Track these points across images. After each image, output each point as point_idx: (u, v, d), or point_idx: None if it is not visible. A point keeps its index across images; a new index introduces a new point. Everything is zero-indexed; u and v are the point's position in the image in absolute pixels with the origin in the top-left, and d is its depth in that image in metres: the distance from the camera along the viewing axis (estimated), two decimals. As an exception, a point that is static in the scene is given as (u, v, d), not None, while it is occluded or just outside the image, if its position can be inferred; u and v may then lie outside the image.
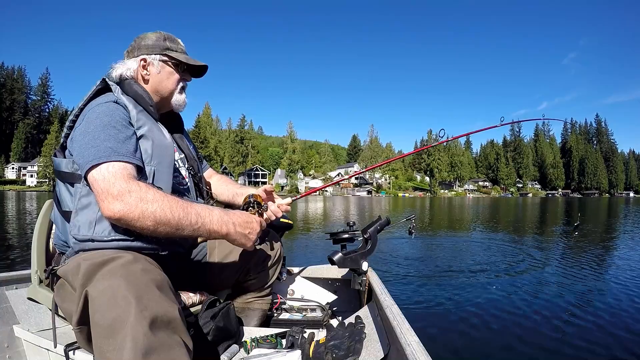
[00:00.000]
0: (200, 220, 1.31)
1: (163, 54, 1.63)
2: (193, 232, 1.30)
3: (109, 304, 1.01)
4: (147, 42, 1.64)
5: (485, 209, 30.08)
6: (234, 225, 1.39)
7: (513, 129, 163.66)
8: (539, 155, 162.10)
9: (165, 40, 1.65)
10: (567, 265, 6.75)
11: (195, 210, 1.31)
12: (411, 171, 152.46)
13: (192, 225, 1.29)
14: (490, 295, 4.83)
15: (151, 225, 1.22)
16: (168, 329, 1.04)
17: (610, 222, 17.25)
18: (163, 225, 1.24)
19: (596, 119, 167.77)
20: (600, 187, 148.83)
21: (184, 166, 1.75)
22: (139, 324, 0.97)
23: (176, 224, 1.25)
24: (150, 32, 1.68)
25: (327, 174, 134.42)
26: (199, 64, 1.70)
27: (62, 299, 1.33)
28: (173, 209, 1.25)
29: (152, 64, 1.62)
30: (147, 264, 1.19)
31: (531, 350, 3.20)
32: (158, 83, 1.64)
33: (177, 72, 1.67)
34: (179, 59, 1.64)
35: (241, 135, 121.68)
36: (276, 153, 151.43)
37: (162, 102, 1.68)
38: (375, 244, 2.11)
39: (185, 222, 1.27)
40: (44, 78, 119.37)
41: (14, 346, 1.72)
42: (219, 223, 1.35)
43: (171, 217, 1.24)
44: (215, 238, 1.41)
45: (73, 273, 1.21)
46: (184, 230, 1.28)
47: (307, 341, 1.62)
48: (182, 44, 1.72)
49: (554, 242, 9.93)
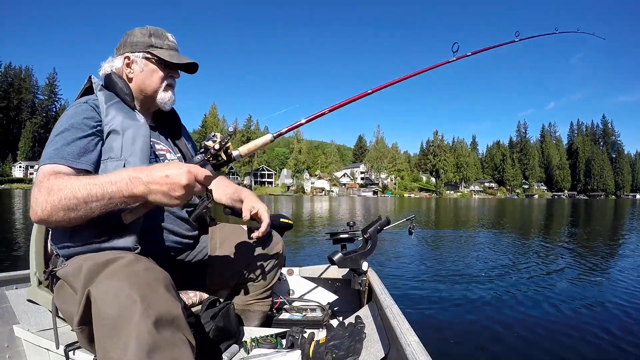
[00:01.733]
0: (106, 191, 1.14)
1: (146, 52, 1.58)
2: (106, 206, 1.16)
3: (112, 303, 1.00)
4: (132, 39, 1.59)
5: (491, 210, 30.03)
6: (146, 184, 1.15)
7: (519, 130, 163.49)
8: (545, 156, 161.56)
9: (150, 36, 1.60)
10: (570, 267, 6.73)
11: (99, 181, 1.16)
12: (417, 172, 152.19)
13: (99, 199, 1.14)
14: (491, 296, 4.83)
15: (64, 215, 1.15)
16: (172, 327, 1.03)
17: (617, 224, 17.13)
18: (73, 210, 1.15)
19: (602, 120, 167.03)
20: (606, 189, 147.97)
21: None
22: (143, 322, 0.97)
23: (84, 205, 1.14)
24: (138, 28, 1.63)
25: (333, 174, 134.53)
26: (184, 61, 1.63)
27: (62, 300, 1.32)
28: (76, 190, 1.14)
29: (136, 62, 1.59)
30: (149, 263, 1.18)
31: (531, 351, 3.20)
32: (142, 81, 1.60)
33: (160, 70, 1.61)
34: (162, 57, 1.58)
35: (247, 136, 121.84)
36: (282, 153, 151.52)
37: (148, 100, 1.65)
38: (375, 244, 2.11)
39: (92, 199, 1.14)
40: (51, 78, 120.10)
41: (14, 346, 1.72)
42: (126, 187, 1.15)
43: (76, 201, 1.14)
44: (136, 202, 1.20)
45: (74, 274, 1.20)
46: (94, 209, 1.16)
47: (307, 341, 1.62)
48: (170, 39, 1.65)
49: (558, 244, 9.88)
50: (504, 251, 8.63)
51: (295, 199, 60.52)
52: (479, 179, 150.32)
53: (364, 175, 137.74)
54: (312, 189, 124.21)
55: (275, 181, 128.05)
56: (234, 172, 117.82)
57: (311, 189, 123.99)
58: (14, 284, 1.88)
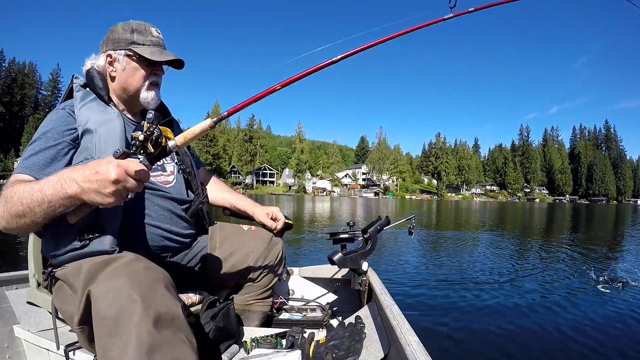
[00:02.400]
0: (45, 194, 1.13)
1: (127, 49, 1.53)
2: (48, 210, 1.15)
3: (113, 303, 1.00)
4: (114, 36, 1.55)
5: (492, 213, 29.99)
6: (78, 183, 1.10)
7: (522, 134, 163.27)
8: (547, 160, 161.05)
9: (132, 32, 1.54)
10: (570, 272, 6.71)
11: (39, 186, 1.15)
12: (419, 174, 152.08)
13: (41, 204, 1.13)
14: (491, 296, 4.84)
15: (17, 223, 1.18)
16: (172, 326, 1.03)
17: (618, 230, 17.09)
18: (21, 217, 1.16)
19: (605, 124, 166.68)
20: (608, 194, 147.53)
21: (171, 162, 1.72)
22: (143, 322, 0.96)
23: (29, 210, 1.15)
24: (121, 23, 1.58)
25: (335, 175, 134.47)
26: (166, 58, 1.57)
27: (62, 301, 1.32)
28: (22, 197, 1.15)
29: (118, 59, 1.54)
30: (149, 262, 1.18)
31: (531, 351, 3.21)
32: (124, 80, 1.56)
33: (143, 68, 1.56)
34: (143, 54, 1.53)
35: (250, 135, 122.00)
36: (284, 153, 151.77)
37: (131, 99, 1.62)
38: (375, 244, 2.11)
39: (34, 204, 1.14)
40: (55, 74, 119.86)
41: (14, 346, 1.72)
42: (61, 188, 1.12)
43: (22, 207, 1.15)
44: (74, 203, 1.15)
45: (74, 274, 1.20)
46: (38, 214, 1.15)
47: (307, 341, 1.62)
48: (154, 34, 1.58)
49: (558, 249, 9.88)
50: (503, 254, 8.65)
51: (296, 199, 60.51)
52: (480, 182, 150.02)
53: (365, 176, 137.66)
54: (314, 189, 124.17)
55: (277, 180, 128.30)
56: (236, 170, 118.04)
57: (313, 189, 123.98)
58: (14, 284, 1.88)
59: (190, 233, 1.76)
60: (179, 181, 1.72)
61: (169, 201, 1.62)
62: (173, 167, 1.72)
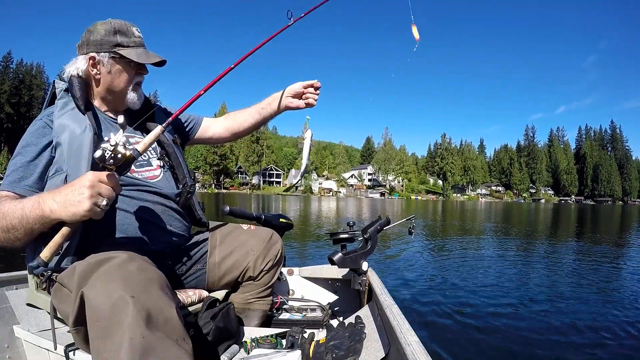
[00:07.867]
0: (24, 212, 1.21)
1: (112, 52, 1.52)
2: (27, 226, 1.22)
3: (105, 305, 1.00)
4: (96, 37, 1.51)
5: (497, 214, 29.89)
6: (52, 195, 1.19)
7: (527, 134, 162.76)
8: (552, 161, 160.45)
9: (115, 33, 1.52)
10: (572, 273, 6.69)
11: (22, 204, 1.23)
12: (424, 174, 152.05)
13: (21, 220, 1.21)
14: (491, 296, 4.84)
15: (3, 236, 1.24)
16: (166, 328, 1.02)
17: (624, 233, 16.97)
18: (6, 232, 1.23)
19: (611, 125, 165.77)
20: (613, 195, 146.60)
21: (155, 156, 1.71)
22: (136, 323, 0.96)
23: (12, 227, 1.22)
24: (100, 23, 1.55)
25: (341, 175, 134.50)
26: (152, 61, 1.58)
27: (60, 302, 1.32)
28: (6, 213, 1.23)
29: (102, 62, 1.52)
30: (143, 262, 1.17)
31: (532, 352, 3.20)
32: (110, 82, 1.56)
33: (128, 70, 1.57)
34: (130, 57, 1.52)
35: (257, 135, 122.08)
36: (290, 153, 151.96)
37: (116, 100, 1.62)
38: (375, 244, 2.11)
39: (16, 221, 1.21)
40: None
41: (14, 346, 1.71)
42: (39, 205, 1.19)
43: (5, 222, 1.22)
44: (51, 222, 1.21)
45: (68, 275, 1.20)
46: (19, 230, 1.22)
47: (307, 341, 1.61)
48: (136, 34, 1.58)
49: (561, 250, 9.85)
50: (506, 254, 8.63)
51: (303, 199, 60.53)
52: (486, 183, 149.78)
53: (371, 176, 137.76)
54: (320, 189, 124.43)
55: (283, 181, 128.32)
56: (242, 171, 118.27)
57: (319, 190, 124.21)
58: (14, 284, 1.87)
59: (185, 226, 1.75)
60: (167, 174, 1.72)
61: (158, 196, 1.60)
62: (158, 162, 1.71)
